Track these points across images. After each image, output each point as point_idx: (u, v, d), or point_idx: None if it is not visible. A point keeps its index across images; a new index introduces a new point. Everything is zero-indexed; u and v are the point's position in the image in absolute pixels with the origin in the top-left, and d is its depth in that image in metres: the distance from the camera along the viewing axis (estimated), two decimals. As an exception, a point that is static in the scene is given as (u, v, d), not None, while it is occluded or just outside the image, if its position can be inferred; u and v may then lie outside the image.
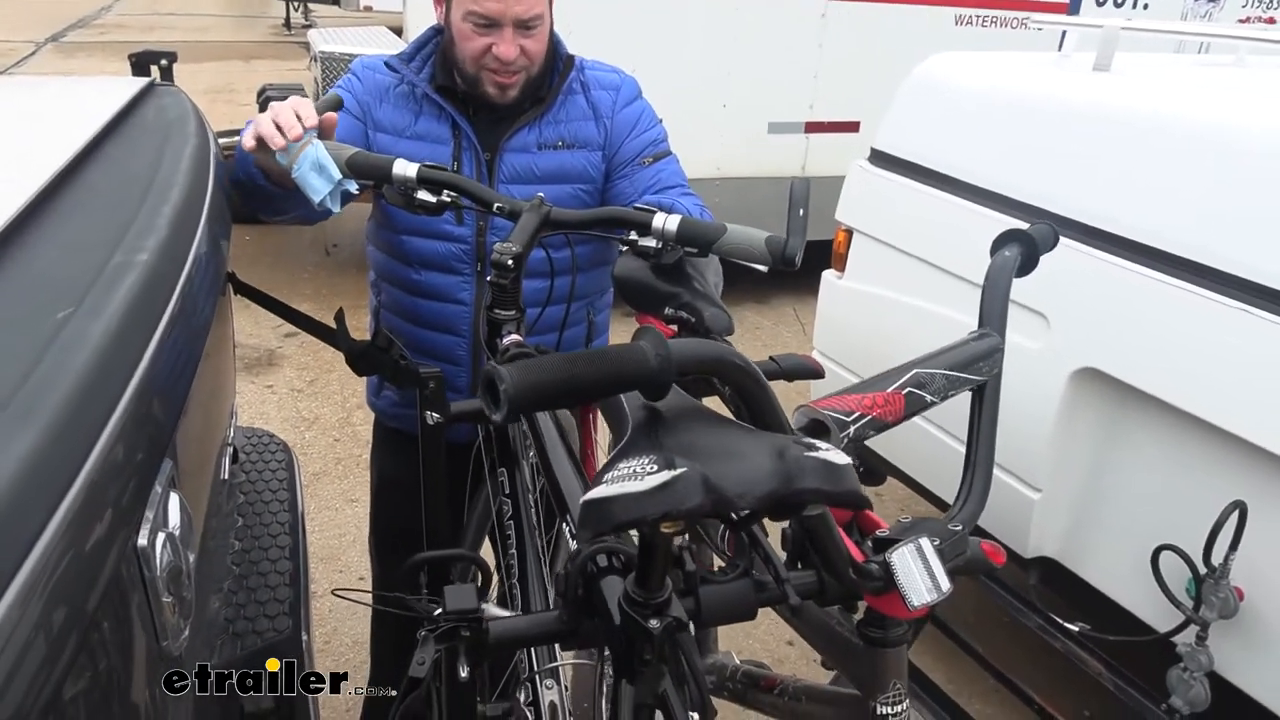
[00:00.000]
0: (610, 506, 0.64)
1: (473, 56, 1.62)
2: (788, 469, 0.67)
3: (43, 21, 14.10)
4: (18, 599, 0.54)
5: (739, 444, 0.69)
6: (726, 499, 0.65)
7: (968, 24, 5.35)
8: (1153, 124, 2.06)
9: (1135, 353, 2.00)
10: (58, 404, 0.66)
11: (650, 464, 0.65)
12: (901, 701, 0.94)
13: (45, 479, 0.61)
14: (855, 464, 0.71)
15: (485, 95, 1.66)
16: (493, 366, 0.64)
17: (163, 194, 1.10)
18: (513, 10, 1.57)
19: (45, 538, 0.58)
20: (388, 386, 1.96)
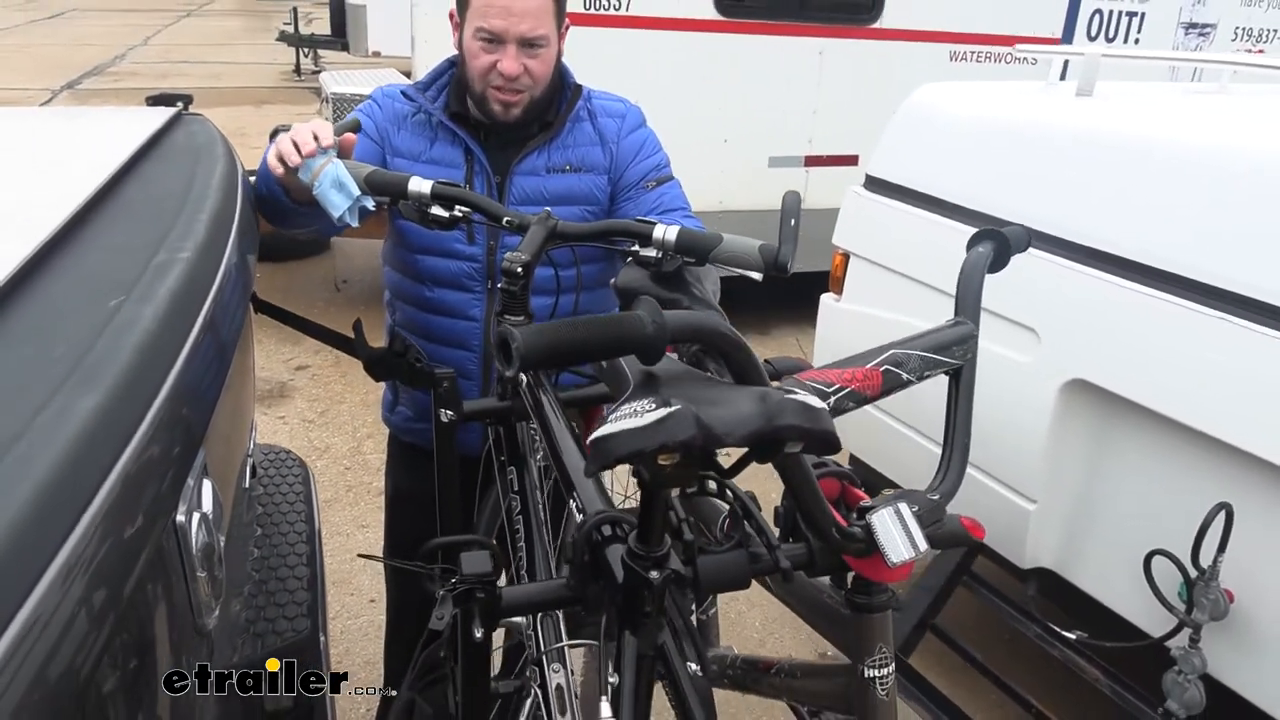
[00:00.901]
0: (613, 441, 0.72)
1: (480, 73, 1.72)
2: (769, 409, 0.74)
3: (59, 70, 14.39)
4: (80, 539, 0.61)
5: (727, 392, 0.77)
6: (715, 435, 0.72)
7: (962, 60, 5.49)
8: (1132, 145, 2.15)
9: (1122, 364, 2.07)
10: (116, 372, 0.74)
11: (648, 405, 0.72)
12: (888, 664, 1.00)
13: (107, 435, 0.69)
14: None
15: (491, 113, 1.75)
16: (506, 328, 0.72)
17: (197, 206, 1.19)
18: (517, 28, 1.67)
19: (108, 483, 0.65)
20: (402, 403, 2.03)
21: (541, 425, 1.20)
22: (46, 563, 0.56)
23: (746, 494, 0.99)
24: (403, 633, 2.28)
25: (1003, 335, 2.26)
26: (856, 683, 1.01)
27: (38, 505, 0.58)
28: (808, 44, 5.13)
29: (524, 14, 1.66)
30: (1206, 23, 6.19)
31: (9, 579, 0.53)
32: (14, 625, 0.52)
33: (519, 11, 1.65)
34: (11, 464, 0.61)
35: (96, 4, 25.30)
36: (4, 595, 0.52)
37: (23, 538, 0.55)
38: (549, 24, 1.71)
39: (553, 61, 1.77)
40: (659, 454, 0.72)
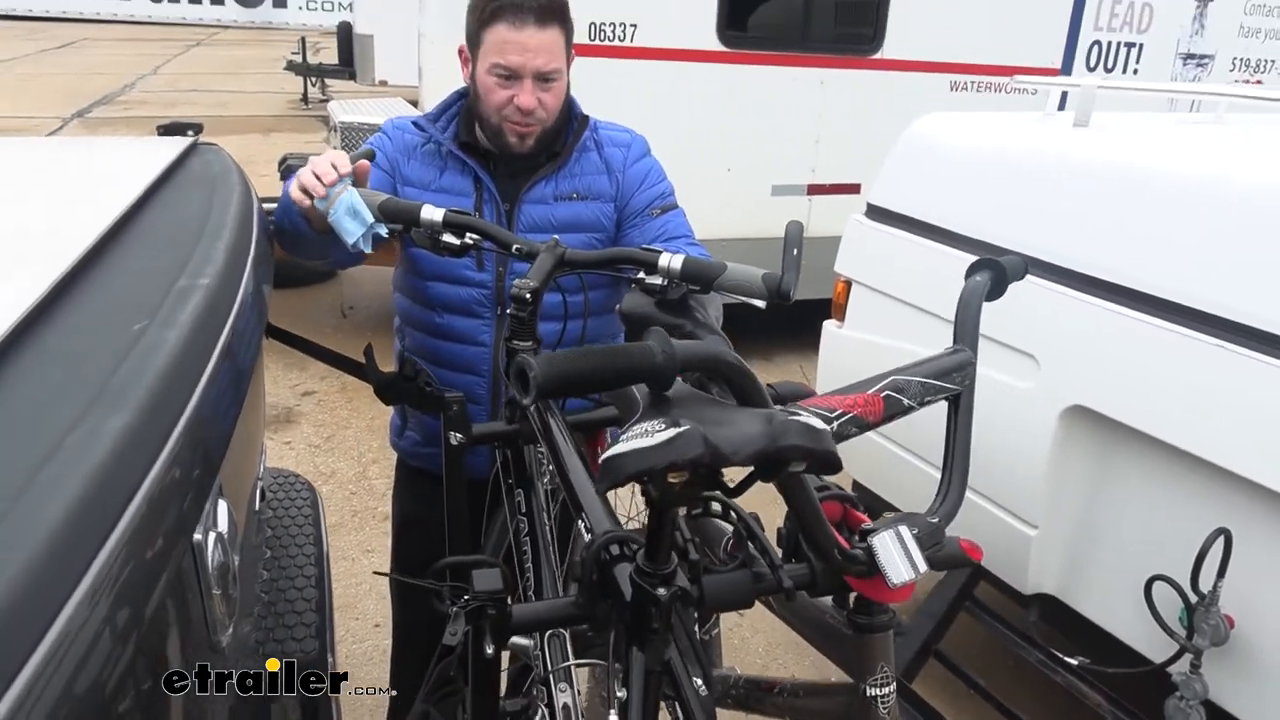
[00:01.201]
0: (624, 459, 0.75)
1: (496, 107, 1.76)
2: (774, 430, 0.77)
3: (69, 98, 14.55)
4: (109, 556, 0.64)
5: (732, 414, 0.80)
6: (722, 454, 0.75)
7: (963, 89, 5.55)
8: (1127, 175, 2.19)
9: (1121, 390, 2.09)
10: (142, 394, 0.77)
11: (658, 425, 0.75)
12: (889, 683, 1.02)
13: (134, 454, 0.71)
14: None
15: (506, 145, 1.79)
16: (523, 358, 0.75)
17: (215, 234, 1.22)
18: (532, 64, 1.71)
19: (135, 501, 0.68)
20: (411, 428, 2.06)
21: (550, 448, 1.22)
22: (78, 578, 0.59)
23: (750, 515, 1.02)
24: (409, 657, 2.29)
25: (1003, 362, 2.29)
26: (859, 701, 1.03)
27: (70, 522, 0.60)
28: (810, 74, 5.20)
29: (539, 50, 1.70)
30: (1204, 54, 6.26)
31: (44, 592, 0.56)
32: (50, 634, 0.54)
33: (534, 47, 1.70)
34: (44, 482, 0.63)
35: (107, 33, 25.60)
36: (41, 606, 0.54)
37: (55, 554, 0.58)
38: (561, 58, 1.76)
39: (564, 93, 1.81)
40: (668, 472, 0.75)
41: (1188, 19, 6.13)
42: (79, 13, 29.03)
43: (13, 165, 1.69)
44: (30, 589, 0.55)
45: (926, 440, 2.47)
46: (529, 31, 1.70)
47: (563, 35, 1.76)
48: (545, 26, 1.72)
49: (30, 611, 0.54)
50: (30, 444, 0.68)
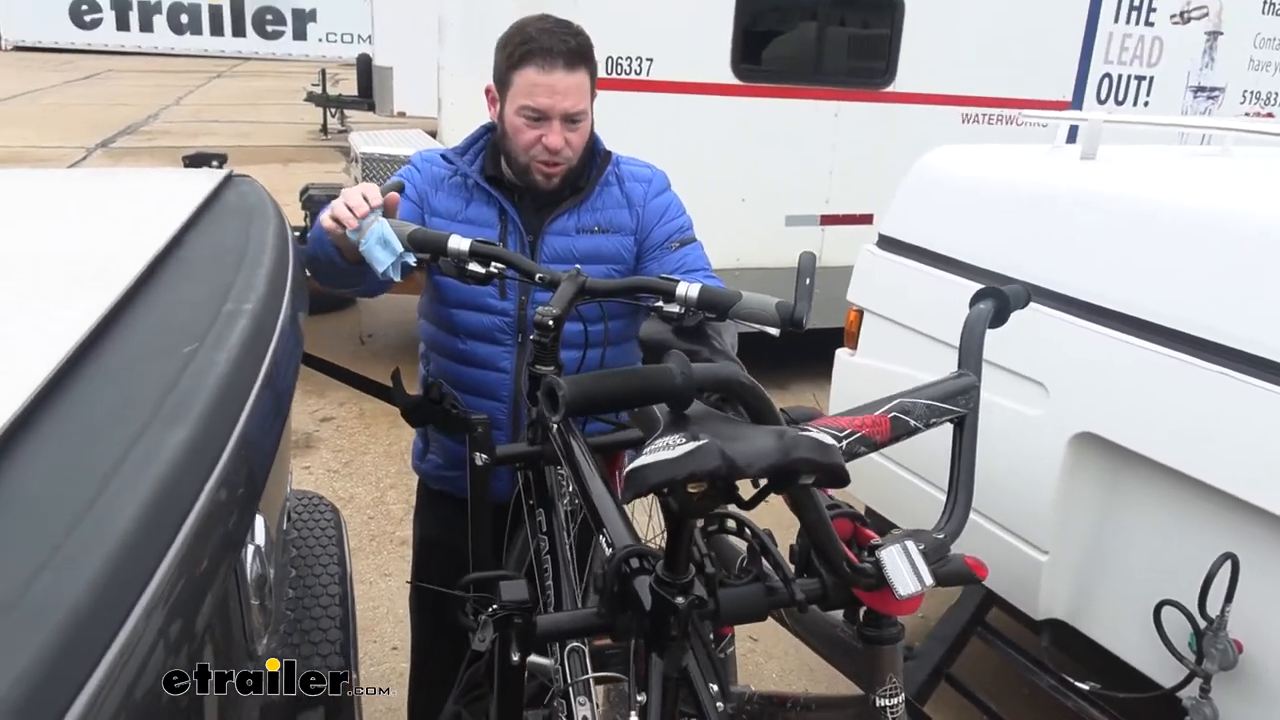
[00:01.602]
0: (647, 471, 0.80)
1: (524, 147, 1.83)
2: (786, 445, 0.82)
3: (93, 128, 14.81)
4: (178, 550, 0.69)
5: (747, 430, 0.85)
6: (738, 466, 0.80)
7: (974, 122, 5.62)
8: (1131, 207, 2.24)
9: (1129, 417, 2.13)
10: (199, 410, 0.82)
11: (679, 439, 0.80)
12: (898, 694, 1.06)
13: (194, 465, 0.77)
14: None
15: (533, 183, 1.86)
16: (552, 378, 0.80)
17: (255, 262, 1.29)
18: (561, 105, 1.78)
19: (195, 509, 0.74)
20: (433, 451, 2.11)
21: (572, 468, 1.27)
22: (147, 580, 0.64)
23: (764, 532, 1.06)
24: (427, 679, 2.33)
25: (1013, 389, 2.33)
26: (868, 711, 1.07)
27: (139, 528, 0.66)
28: (823, 107, 5.28)
29: (567, 92, 1.77)
30: (1215, 86, 6.32)
31: (122, 593, 0.61)
32: (125, 627, 0.59)
33: (563, 90, 1.77)
34: (114, 491, 0.69)
35: (130, 65, 26.05)
36: (122, 597, 0.60)
37: (126, 556, 0.63)
38: (587, 99, 1.83)
39: (589, 132, 1.88)
40: (688, 482, 0.80)
41: (1198, 52, 6.19)
42: (103, 45, 29.58)
43: (58, 196, 1.76)
44: (106, 588, 0.60)
45: (936, 466, 2.51)
46: (558, 75, 1.77)
47: (589, 77, 1.83)
48: (573, 70, 1.78)
49: (108, 607, 0.59)
50: (98, 456, 0.74)
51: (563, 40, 1.78)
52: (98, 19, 29.95)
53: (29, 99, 18.38)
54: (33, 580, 0.59)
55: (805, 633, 1.18)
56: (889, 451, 2.65)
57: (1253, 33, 6.31)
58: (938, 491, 2.57)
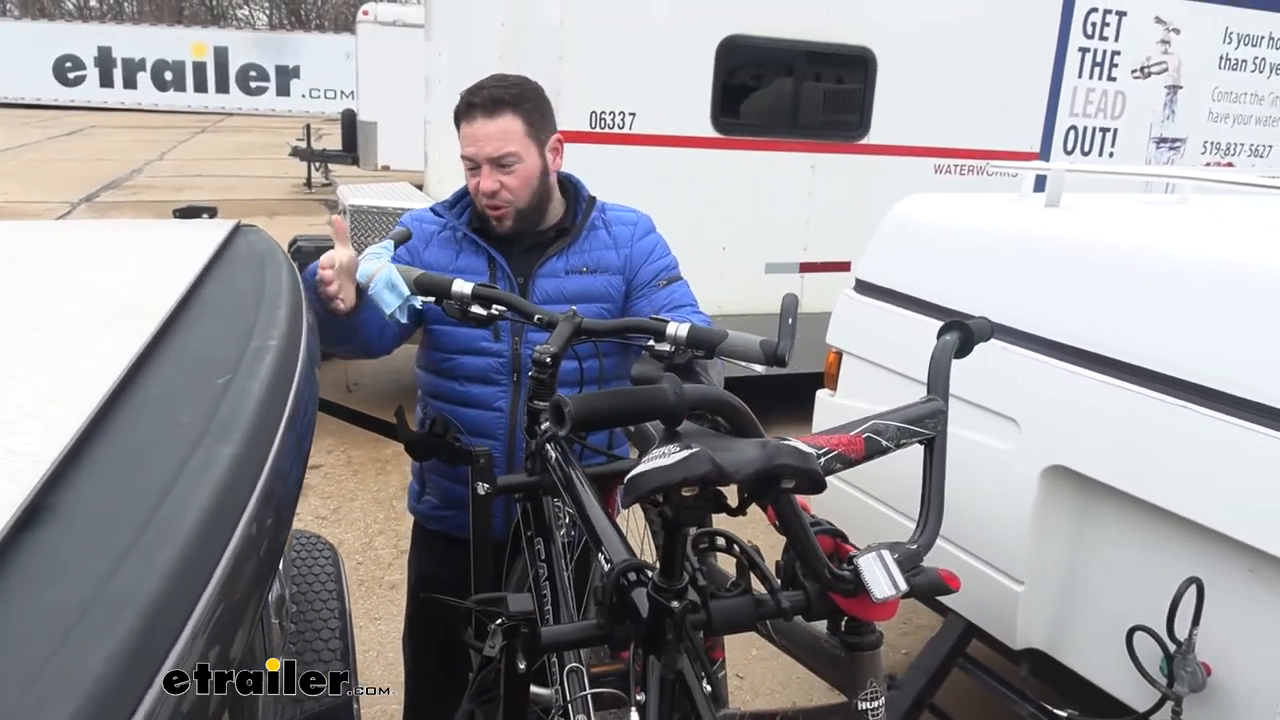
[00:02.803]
0: (645, 477, 0.88)
1: (472, 192, 1.99)
2: (769, 453, 0.91)
3: (76, 183, 14.91)
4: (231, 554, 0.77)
5: (734, 442, 0.94)
6: (726, 472, 0.89)
7: (946, 172, 5.81)
8: (1095, 250, 2.37)
9: (1097, 450, 2.23)
10: (243, 428, 0.91)
11: (673, 449, 0.89)
12: (879, 697, 1.14)
13: (244, 477, 0.85)
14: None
15: (491, 228, 1.99)
16: (559, 396, 0.89)
17: (274, 302, 1.37)
18: (484, 151, 1.92)
19: (244, 518, 0.82)
20: (429, 492, 2.19)
21: (571, 493, 1.36)
22: (209, 578, 0.72)
23: (752, 547, 1.15)
24: (420, 717, 2.38)
25: (986, 425, 2.43)
26: (852, 716, 1.14)
27: (202, 530, 0.74)
28: (800, 159, 5.45)
29: (487, 139, 1.91)
30: (1176, 137, 6.56)
31: (189, 590, 0.69)
32: (194, 615, 0.67)
33: (483, 137, 1.91)
34: (177, 498, 0.77)
35: (114, 121, 26.24)
36: (189, 593, 0.68)
37: (193, 556, 0.71)
38: (517, 143, 1.93)
39: (532, 175, 1.97)
40: (681, 486, 0.88)
41: (1159, 105, 6.43)
42: (86, 100, 29.82)
43: (77, 245, 1.85)
44: (176, 584, 0.68)
45: (899, 492, 2.62)
46: (479, 123, 1.91)
47: (519, 120, 1.93)
48: (494, 116, 1.91)
49: (178, 602, 0.67)
50: (156, 468, 0.82)
51: (479, 93, 1.93)
52: (81, 75, 30.23)
53: (12, 154, 18.48)
54: (109, 579, 0.66)
55: (790, 644, 1.26)
56: (856, 480, 2.74)
57: (1211, 87, 6.57)
58: (902, 517, 2.67)
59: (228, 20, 39.70)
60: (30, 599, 0.63)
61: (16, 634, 0.59)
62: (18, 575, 0.65)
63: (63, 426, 0.86)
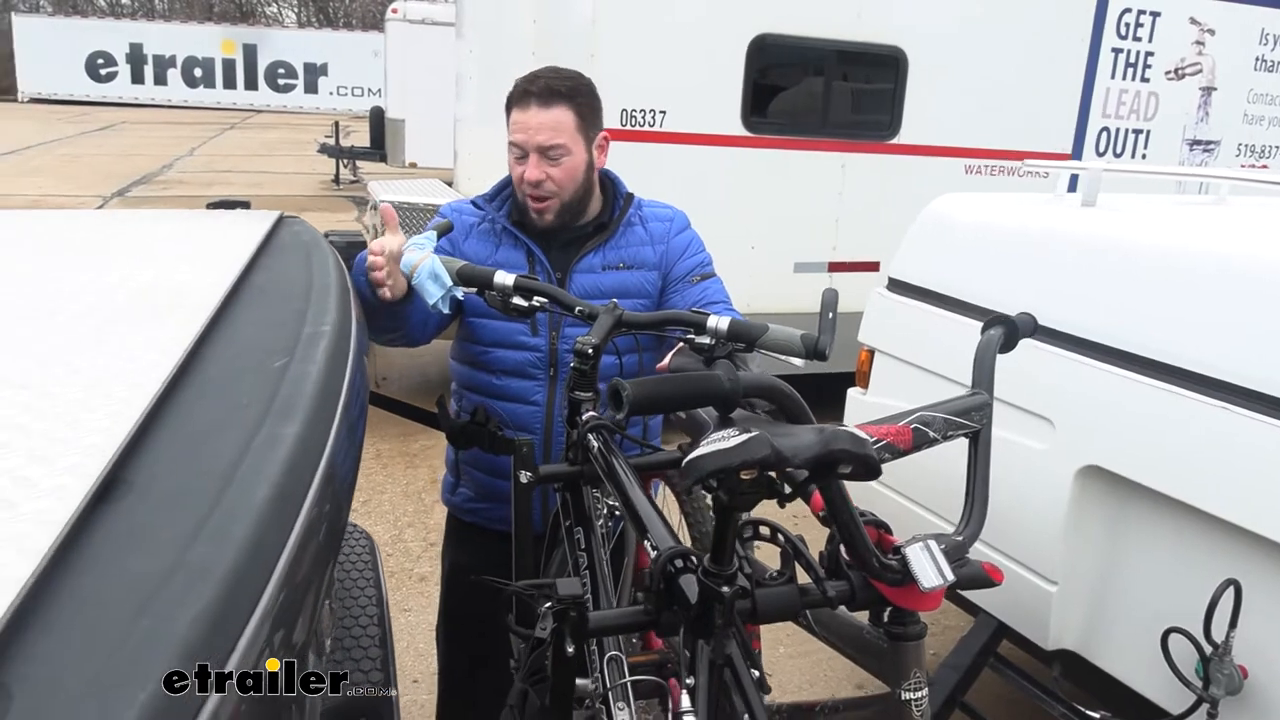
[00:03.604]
0: (705, 460, 0.89)
1: (515, 181, 1.99)
2: (826, 438, 0.92)
3: (108, 178, 15.10)
4: (300, 528, 0.79)
5: (790, 427, 0.95)
6: (785, 456, 0.90)
7: (976, 173, 5.79)
8: (1130, 250, 2.35)
9: (1133, 450, 2.22)
10: (304, 408, 0.92)
11: (732, 433, 0.90)
12: (923, 688, 1.14)
13: (308, 453, 0.87)
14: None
15: (530, 220, 1.99)
16: (618, 381, 0.91)
17: (324, 290, 1.40)
18: (534, 140, 1.92)
19: (314, 486, 0.83)
20: (463, 484, 2.20)
21: (614, 481, 1.37)
22: (279, 553, 0.74)
23: (796, 537, 1.16)
24: (455, 709, 2.40)
25: (1020, 424, 2.42)
26: (895, 706, 1.15)
27: (272, 503, 0.76)
28: (830, 158, 5.45)
29: (539, 128, 1.91)
30: (1210, 140, 6.49)
31: (264, 560, 0.71)
32: (269, 586, 0.69)
33: (535, 126, 1.91)
34: (246, 472, 0.79)
35: (144, 117, 26.54)
36: (264, 563, 0.70)
37: (266, 528, 0.73)
38: (567, 135, 1.94)
39: (578, 169, 1.98)
40: (741, 470, 0.89)
41: (1193, 107, 6.38)
42: (118, 97, 30.20)
43: (125, 234, 1.88)
44: (252, 555, 0.69)
45: (928, 490, 2.61)
46: (532, 112, 1.92)
47: (571, 114, 1.94)
48: (548, 106, 1.92)
49: (255, 572, 0.69)
50: (223, 446, 0.84)
51: (535, 82, 1.94)
52: (113, 72, 30.61)
53: (45, 149, 18.74)
54: (188, 549, 0.68)
55: (830, 635, 1.27)
56: (886, 478, 2.74)
57: (1246, 88, 6.50)
58: (924, 511, 2.67)
59: (256, 18, 40.04)
60: (114, 567, 0.65)
61: (104, 599, 0.61)
62: (99, 544, 0.67)
63: (128, 406, 0.88)
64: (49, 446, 0.79)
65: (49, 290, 1.34)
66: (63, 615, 0.59)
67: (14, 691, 0.53)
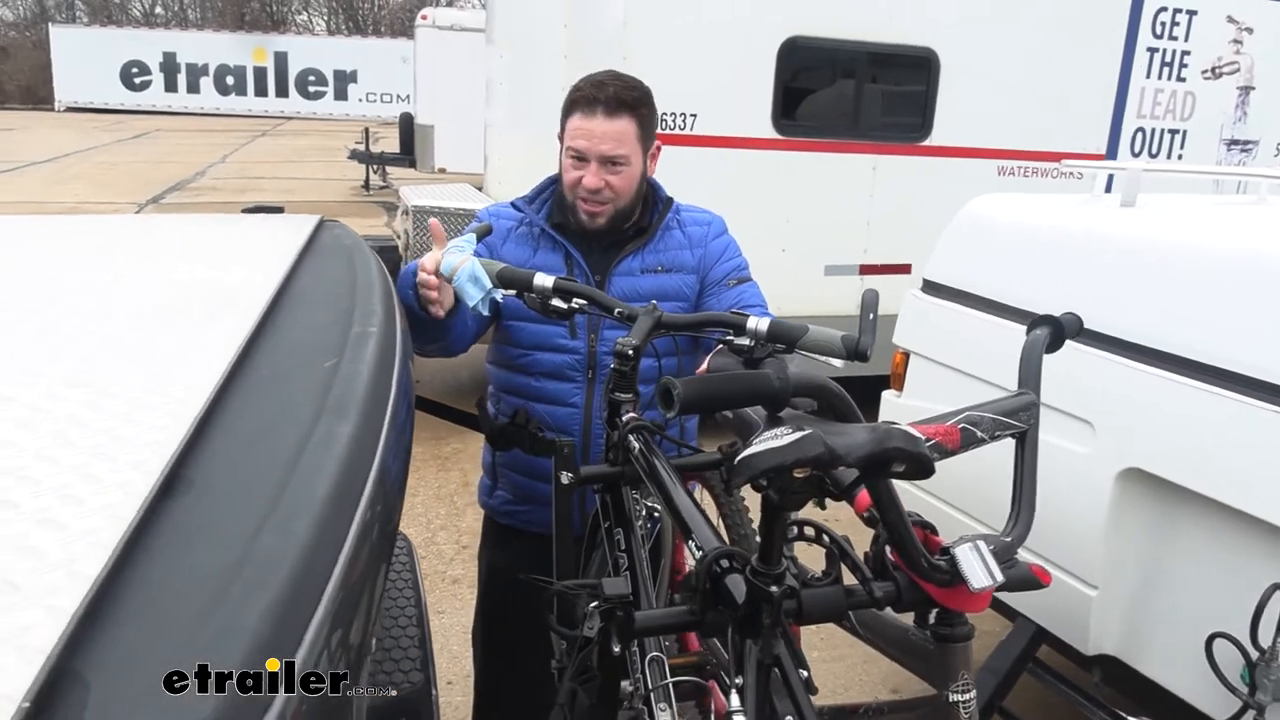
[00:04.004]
0: (757, 458, 0.89)
1: (570, 186, 1.98)
2: (879, 436, 0.92)
3: (143, 185, 15.31)
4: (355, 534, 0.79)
5: (844, 426, 0.95)
6: (838, 454, 0.90)
7: (1009, 174, 5.74)
8: (1172, 251, 2.33)
9: (1174, 453, 2.19)
10: (358, 407, 0.93)
11: (784, 431, 0.90)
12: (970, 690, 1.13)
13: (362, 450, 0.88)
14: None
15: (579, 220, 1.99)
16: (668, 379, 0.91)
17: (368, 291, 1.41)
18: (598, 148, 1.92)
19: (370, 480, 0.84)
20: (501, 487, 2.21)
21: (656, 482, 1.37)
22: (341, 543, 0.74)
23: (842, 537, 1.15)
24: (492, 711, 2.41)
25: (1060, 427, 2.40)
26: (942, 708, 1.14)
27: (333, 496, 0.77)
28: (861, 160, 5.42)
29: (604, 137, 1.92)
30: (1249, 139, 6.40)
31: (329, 549, 0.71)
32: (335, 573, 0.70)
33: (600, 135, 1.92)
34: (305, 469, 0.80)
35: (178, 125, 26.90)
36: (329, 552, 0.70)
37: (329, 519, 0.74)
38: (630, 146, 1.95)
39: (635, 178, 1.99)
40: (794, 468, 0.89)
41: (1230, 106, 6.29)
42: (152, 105, 30.66)
43: (169, 238, 1.91)
44: (317, 545, 0.70)
45: (984, 503, 2.58)
46: (597, 120, 1.92)
47: (634, 124, 1.95)
48: (614, 116, 1.92)
49: (321, 560, 0.69)
50: (280, 443, 0.85)
51: (604, 89, 1.93)
52: (147, 81, 31.08)
53: (82, 157, 19.04)
54: (253, 542, 0.69)
55: (875, 637, 1.26)
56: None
57: (1285, 87, 6.41)
58: (962, 515, 2.65)
59: (287, 26, 40.47)
60: (183, 559, 0.66)
61: (176, 590, 0.62)
62: (167, 538, 0.68)
63: (186, 404, 0.89)
64: (112, 444, 0.81)
65: (100, 292, 1.37)
66: (136, 606, 0.60)
67: (90, 681, 0.54)
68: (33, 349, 1.07)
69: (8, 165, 17.30)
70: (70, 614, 0.56)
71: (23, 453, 0.79)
